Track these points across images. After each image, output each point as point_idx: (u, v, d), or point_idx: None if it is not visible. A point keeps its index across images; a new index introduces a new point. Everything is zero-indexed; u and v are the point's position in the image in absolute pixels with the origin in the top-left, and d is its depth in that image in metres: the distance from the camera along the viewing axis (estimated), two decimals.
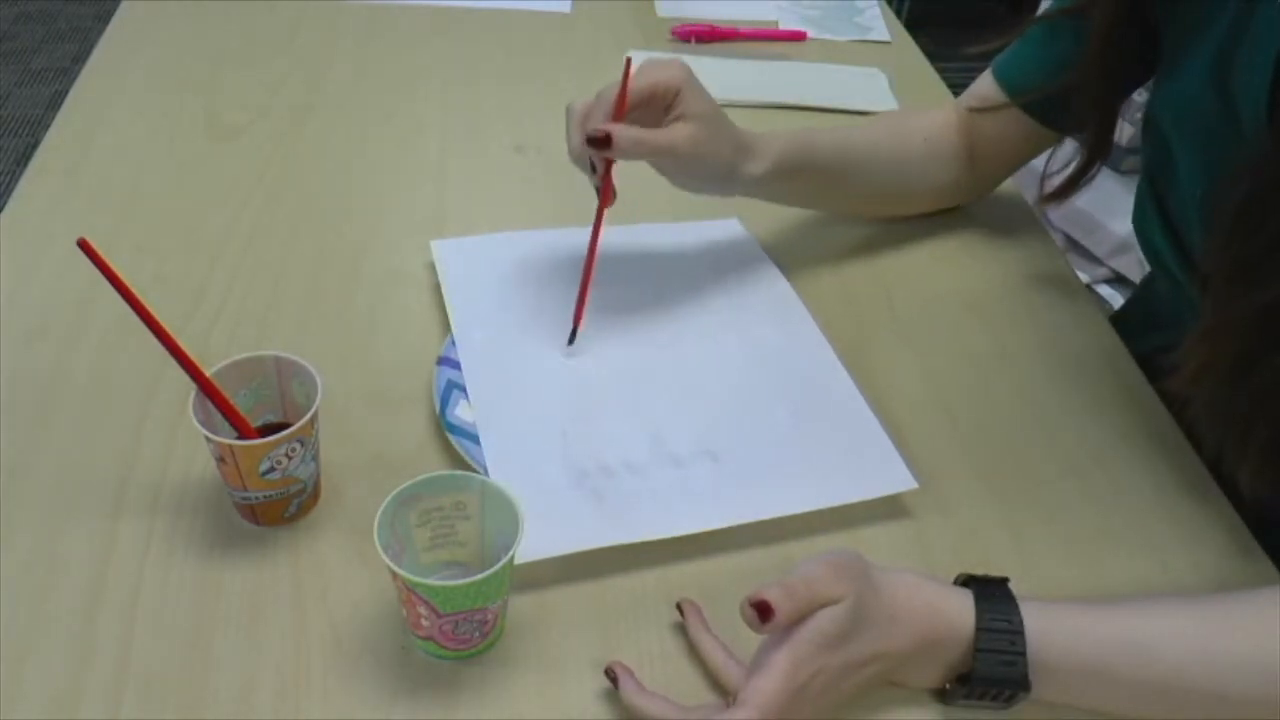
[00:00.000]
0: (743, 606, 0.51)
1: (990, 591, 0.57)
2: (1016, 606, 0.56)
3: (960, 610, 0.56)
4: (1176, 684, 0.55)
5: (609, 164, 0.72)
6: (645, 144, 0.70)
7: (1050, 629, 0.55)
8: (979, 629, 0.55)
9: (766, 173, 0.76)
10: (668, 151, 0.71)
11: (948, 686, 0.57)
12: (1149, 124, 0.74)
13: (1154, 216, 0.74)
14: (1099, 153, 0.80)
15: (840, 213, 0.92)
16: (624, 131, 0.69)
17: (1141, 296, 0.96)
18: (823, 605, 0.53)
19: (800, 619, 0.52)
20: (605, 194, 0.74)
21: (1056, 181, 0.82)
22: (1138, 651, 0.55)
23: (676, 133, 0.71)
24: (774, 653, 0.52)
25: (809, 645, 0.52)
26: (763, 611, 0.51)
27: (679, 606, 0.60)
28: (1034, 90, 0.82)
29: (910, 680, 0.57)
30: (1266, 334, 0.56)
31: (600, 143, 0.68)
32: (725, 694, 0.57)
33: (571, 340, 0.76)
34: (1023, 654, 0.55)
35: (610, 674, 0.56)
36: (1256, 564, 0.66)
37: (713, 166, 0.74)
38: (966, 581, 0.58)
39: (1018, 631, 0.55)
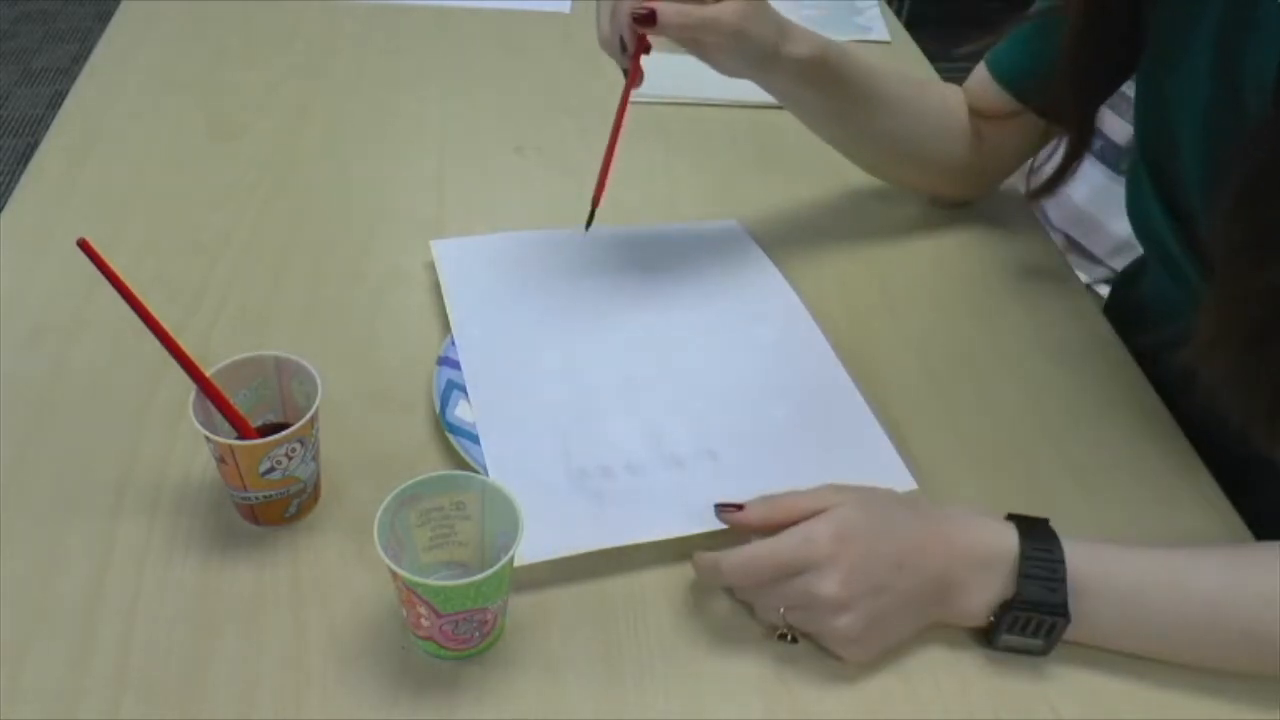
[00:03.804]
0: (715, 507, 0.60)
1: (1031, 524, 0.59)
2: (1057, 540, 0.58)
3: (1004, 534, 0.59)
4: (1207, 619, 0.57)
5: (641, 43, 0.73)
6: (691, 17, 0.70)
7: (1089, 558, 0.58)
8: (1023, 555, 0.57)
9: (808, 57, 0.76)
10: (712, 26, 0.71)
11: (991, 620, 0.58)
12: (1147, 110, 0.75)
13: (1154, 200, 0.75)
14: (1080, 145, 0.81)
15: (856, 152, 0.90)
16: (669, 7, 0.69)
17: (1124, 295, 0.97)
18: (802, 518, 0.58)
19: (772, 526, 0.58)
20: (634, 74, 0.74)
21: (1044, 175, 0.84)
22: (1171, 583, 0.58)
23: (722, 8, 0.71)
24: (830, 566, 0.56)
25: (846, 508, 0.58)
26: (732, 507, 0.60)
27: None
28: (1029, 83, 0.82)
29: (958, 610, 0.59)
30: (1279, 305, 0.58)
31: (644, 20, 0.69)
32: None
33: (588, 225, 0.79)
34: (1063, 580, 0.57)
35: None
36: None
37: (757, 45, 0.74)
38: (1006, 519, 0.61)
39: (1059, 560, 0.57)
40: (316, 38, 1.14)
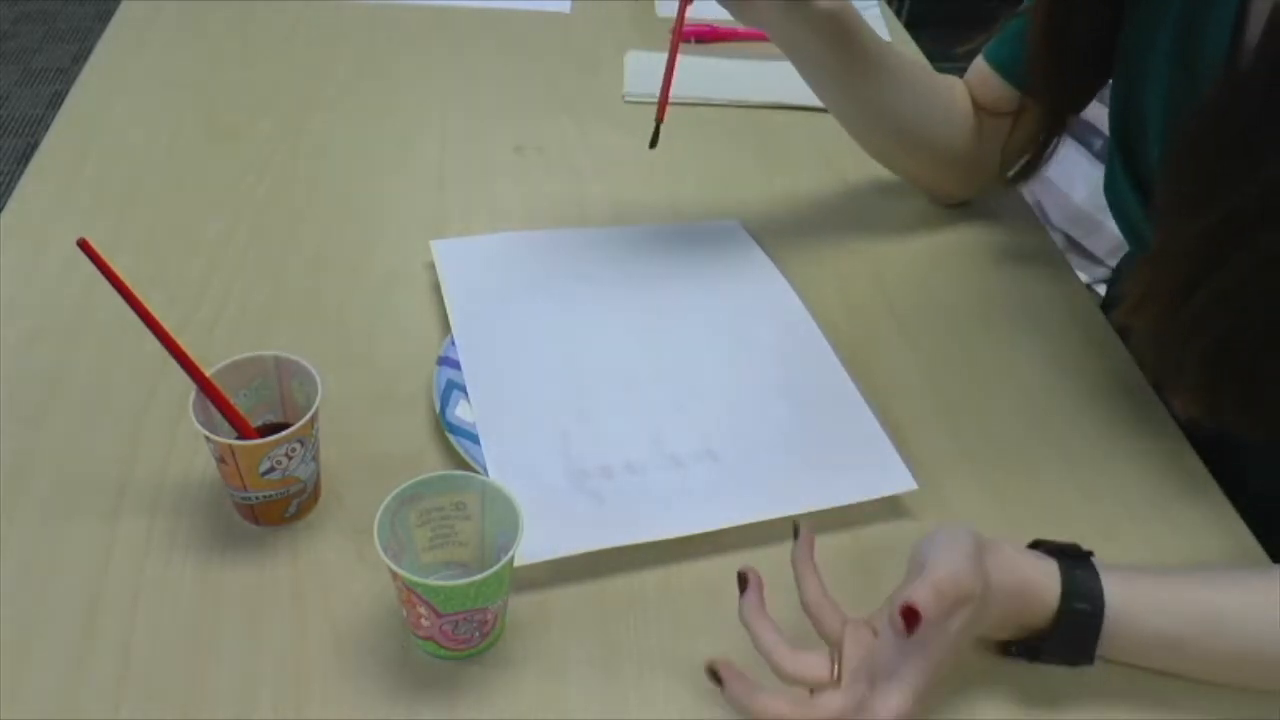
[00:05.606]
0: (892, 617, 0.50)
1: (1076, 566, 0.58)
2: (1100, 584, 0.57)
3: (1048, 587, 0.57)
4: (1248, 654, 0.57)
5: None
6: None
7: (1128, 606, 0.57)
8: (1061, 610, 0.56)
9: (834, 10, 0.76)
10: None
11: (1013, 649, 0.58)
12: (1121, 98, 0.77)
13: (1125, 183, 0.76)
14: (1055, 127, 0.82)
15: (862, 129, 0.90)
16: None
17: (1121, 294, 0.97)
18: (963, 605, 0.52)
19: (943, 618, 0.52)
20: None
21: (1021, 160, 0.86)
22: (1212, 624, 0.57)
23: None
24: (911, 663, 0.51)
25: (941, 652, 0.53)
26: (910, 619, 0.49)
27: (741, 576, 0.56)
28: (1022, 72, 0.84)
29: (982, 636, 0.58)
30: (1204, 258, 0.58)
31: None
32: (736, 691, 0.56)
33: (653, 144, 0.78)
34: (1096, 634, 0.56)
35: (713, 673, 0.53)
36: (1255, 563, 0.66)
37: None
38: (1051, 549, 0.59)
39: (1098, 613, 0.56)
40: (316, 38, 1.14)
